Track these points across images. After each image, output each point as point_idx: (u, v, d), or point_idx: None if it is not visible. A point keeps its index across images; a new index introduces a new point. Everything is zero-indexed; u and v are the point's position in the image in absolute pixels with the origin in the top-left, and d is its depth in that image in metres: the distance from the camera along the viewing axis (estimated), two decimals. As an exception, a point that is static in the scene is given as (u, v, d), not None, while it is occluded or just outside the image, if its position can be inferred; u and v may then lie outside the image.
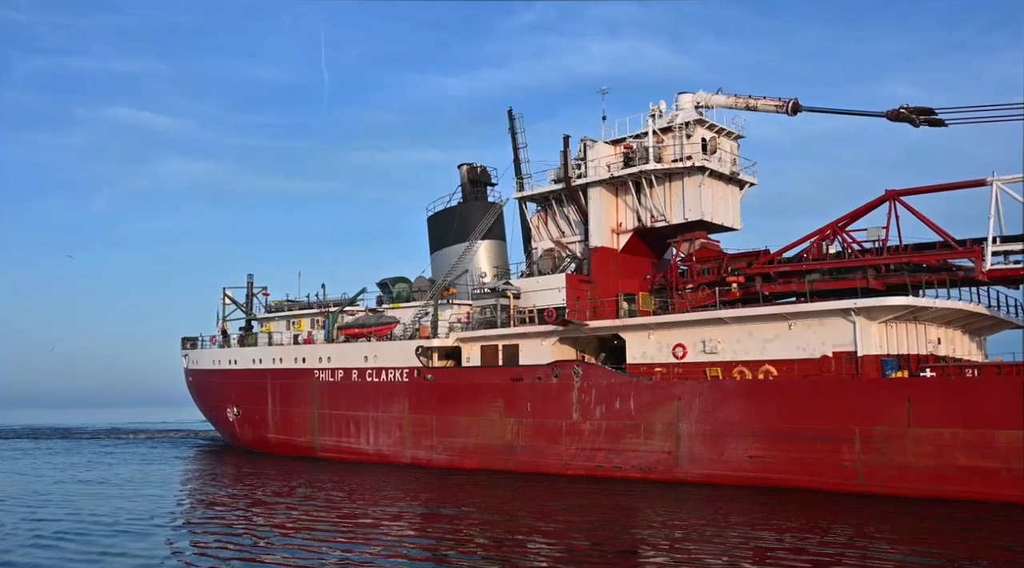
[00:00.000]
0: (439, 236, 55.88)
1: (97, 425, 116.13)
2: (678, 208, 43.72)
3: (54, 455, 58.62)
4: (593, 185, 45.90)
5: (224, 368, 59.95)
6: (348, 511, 30.43)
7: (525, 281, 46.45)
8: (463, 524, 27.74)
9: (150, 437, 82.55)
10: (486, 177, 56.69)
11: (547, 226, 49.49)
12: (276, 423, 55.10)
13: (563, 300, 44.10)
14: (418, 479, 40.71)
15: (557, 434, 39.70)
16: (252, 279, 66.15)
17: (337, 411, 50.49)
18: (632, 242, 45.97)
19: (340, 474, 43.23)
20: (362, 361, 49.31)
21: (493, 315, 45.52)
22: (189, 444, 70.29)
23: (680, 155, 43.56)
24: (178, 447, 66.57)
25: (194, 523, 28.64)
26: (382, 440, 47.76)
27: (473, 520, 28.57)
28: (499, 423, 42.10)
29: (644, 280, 46.88)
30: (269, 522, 28.33)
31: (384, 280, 55.56)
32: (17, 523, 28.41)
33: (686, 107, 45.08)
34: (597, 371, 38.88)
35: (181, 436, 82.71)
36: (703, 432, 34.96)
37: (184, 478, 42.86)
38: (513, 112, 54.43)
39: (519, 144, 53.89)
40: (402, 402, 46.78)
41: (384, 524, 27.85)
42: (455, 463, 43.75)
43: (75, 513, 30.36)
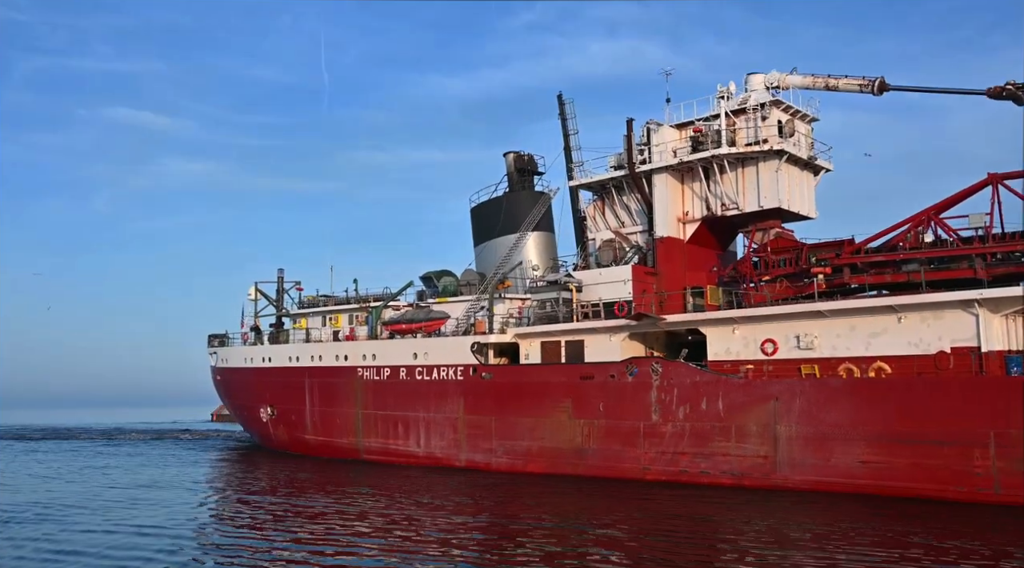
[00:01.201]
0: (484, 228, 52.54)
1: (101, 425, 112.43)
2: (752, 195, 40.43)
3: (80, 456, 55.19)
4: (658, 171, 42.60)
5: (257, 366, 56.51)
6: (414, 517, 27.26)
7: (587, 273, 43.10)
8: (536, 535, 25.19)
9: (156, 437, 79.08)
10: (533, 165, 53.33)
11: (604, 216, 46.13)
12: (315, 424, 51.68)
13: (629, 293, 40.83)
14: (478, 484, 37.47)
15: (634, 437, 36.37)
16: (283, 274, 62.71)
17: (383, 411, 47.09)
18: (699, 232, 42.71)
19: (392, 478, 39.91)
20: (411, 358, 45.92)
21: (554, 309, 42.15)
22: (213, 445, 66.82)
23: (755, 138, 40.27)
24: (203, 449, 63.10)
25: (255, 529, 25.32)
26: (434, 442, 44.38)
27: (545, 531, 25.95)
28: (567, 424, 38.76)
29: (711, 272, 43.71)
30: (343, 532, 25.17)
31: (428, 274, 52.17)
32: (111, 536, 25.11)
33: (757, 88, 41.78)
34: (679, 369, 35.56)
35: (199, 436, 79.25)
36: (806, 435, 31.66)
37: (236, 481, 39.44)
38: (563, 97, 51.10)
39: (570, 130, 50.54)
40: (456, 402, 43.40)
41: (455, 533, 25.29)
42: (517, 467, 40.40)
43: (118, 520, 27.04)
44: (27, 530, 27.05)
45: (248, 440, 69.79)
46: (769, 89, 41.65)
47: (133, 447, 65.08)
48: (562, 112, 50.96)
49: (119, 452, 59.96)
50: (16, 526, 27.80)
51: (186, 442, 70.28)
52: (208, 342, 64.57)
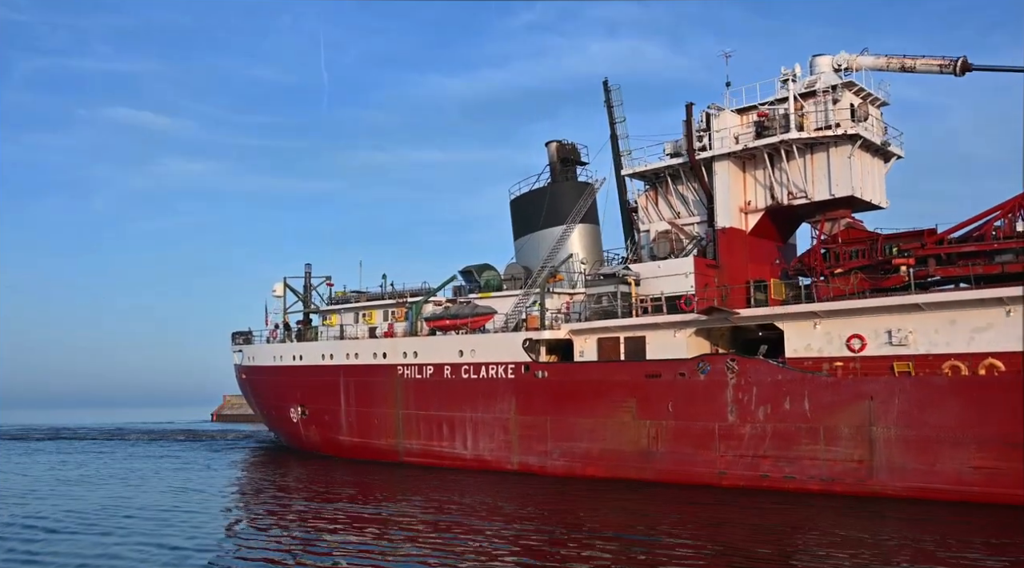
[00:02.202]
0: (525, 220, 49.65)
1: (102, 425, 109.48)
2: (822, 183, 37.67)
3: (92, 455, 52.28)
4: (719, 158, 39.83)
5: (287, 364, 53.62)
6: (471, 526, 24.63)
7: (644, 266, 40.33)
8: (600, 546, 23.03)
9: (157, 438, 76.14)
10: (576, 155, 50.46)
11: (657, 206, 43.36)
12: (350, 424, 48.82)
13: (691, 286, 38.11)
14: (533, 489, 34.80)
15: (708, 439, 33.58)
16: (310, 269, 59.91)
17: (426, 411, 44.24)
18: (761, 223, 39.99)
19: (437, 482, 37.19)
20: (456, 356, 43.06)
21: (611, 304, 39.32)
22: (234, 446, 63.89)
23: (825, 122, 37.49)
24: (228, 451, 60.17)
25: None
26: (483, 444, 41.55)
27: (610, 541, 23.67)
28: (631, 426, 35.96)
29: (774, 265, 40.97)
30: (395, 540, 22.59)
31: (468, 268, 49.31)
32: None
33: (824, 71, 39.00)
34: (759, 366, 32.77)
35: (208, 437, 76.25)
36: (906, 438, 28.88)
37: (273, 485, 36.53)
38: (609, 83, 48.21)
39: (616, 118, 47.67)
40: (507, 401, 40.58)
41: (512, 542, 23.08)
42: (575, 471, 37.60)
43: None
44: (74, 544, 24.25)
45: (271, 441, 66.93)
46: (837, 71, 38.91)
47: (163, 448, 62.14)
48: (608, 99, 48.10)
49: (147, 454, 57.04)
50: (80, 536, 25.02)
51: (205, 443, 67.32)
52: (232, 340, 61.72)
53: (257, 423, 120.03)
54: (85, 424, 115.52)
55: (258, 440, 69.73)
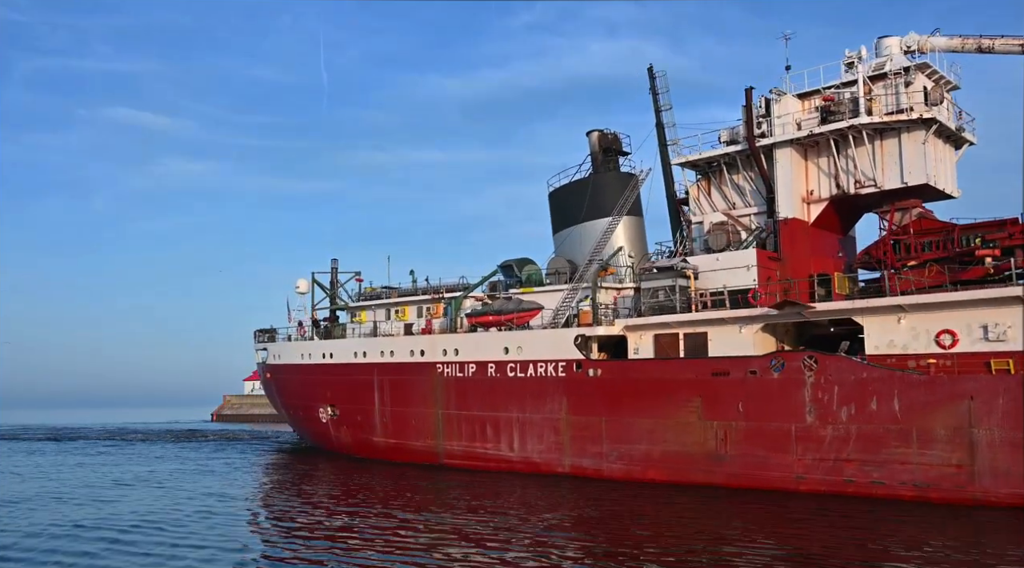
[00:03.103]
0: (566, 213, 47.09)
1: (102, 425, 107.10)
2: (893, 170, 35.23)
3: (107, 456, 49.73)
4: (781, 145, 37.37)
5: (316, 362, 51.07)
6: (534, 537, 21.97)
7: (702, 259, 37.85)
8: (668, 558, 20.85)
9: (150, 439, 73.60)
10: (618, 145, 47.92)
11: (710, 197, 40.86)
12: (385, 425, 46.28)
13: (754, 280, 35.68)
14: (589, 493, 32.41)
15: (783, 441, 31.10)
16: (337, 264, 57.38)
17: (469, 411, 41.71)
18: (825, 213, 37.59)
19: (483, 486, 34.80)
20: (501, 353, 40.54)
21: (668, 298, 36.83)
22: (253, 448, 61.35)
23: (897, 106, 35.03)
24: (248, 452, 57.62)
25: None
26: (531, 446, 39.03)
27: (681, 552, 21.55)
28: (696, 427, 33.47)
29: (837, 258, 38.58)
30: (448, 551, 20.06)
31: (508, 262, 46.81)
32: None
33: (892, 53, 36.52)
34: (840, 363, 30.27)
35: (217, 438, 73.67)
36: (1013, 440, 26.40)
37: (306, 490, 33.97)
38: (654, 70, 45.69)
39: (662, 106, 45.15)
40: (558, 401, 38.07)
41: (573, 551, 20.38)
42: (634, 474, 35.11)
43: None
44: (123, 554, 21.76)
45: (291, 441, 64.44)
46: (906, 53, 36.48)
47: (181, 450, 59.58)
48: (653, 87, 45.56)
49: (163, 455, 54.49)
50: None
51: (216, 445, 64.76)
52: (255, 338, 59.21)
53: (259, 423, 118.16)
54: (86, 424, 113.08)
55: (278, 441, 67.18)
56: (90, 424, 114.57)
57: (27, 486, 37.67)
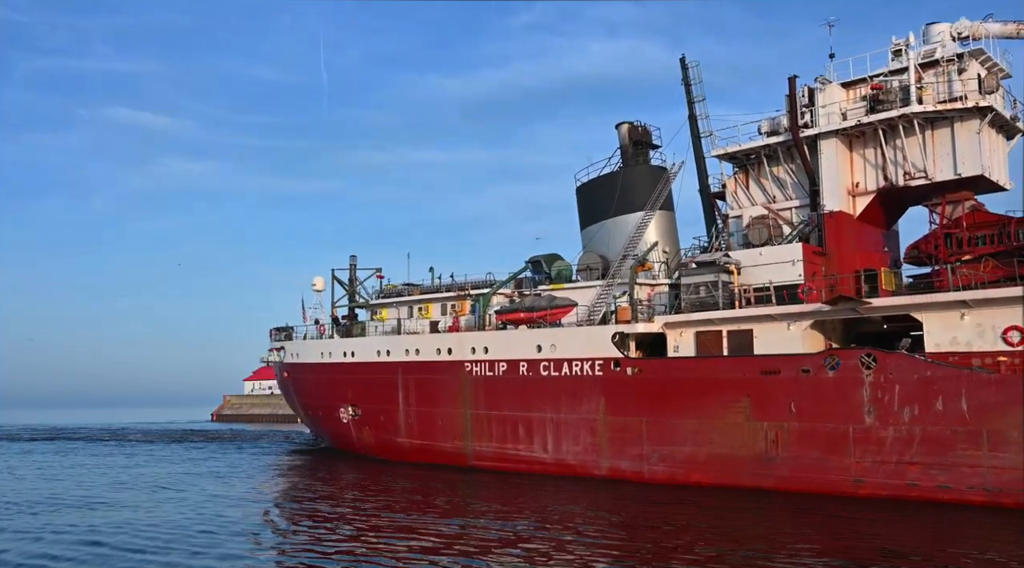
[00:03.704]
0: (595, 207, 45.39)
1: (103, 425, 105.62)
2: (946, 161, 33.61)
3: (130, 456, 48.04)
4: (826, 136, 35.76)
5: (337, 361, 49.36)
6: (574, 544, 20.30)
7: (744, 253, 36.19)
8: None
9: (160, 440, 71.93)
10: (648, 137, 46.25)
11: (748, 190, 39.22)
12: (410, 426, 44.58)
13: (799, 275, 34.03)
14: (630, 497, 30.89)
15: (840, 442, 29.43)
16: (355, 261, 55.68)
17: (499, 411, 40.03)
18: (871, 207, 35.95)
19: (516, 489, 33.20)
20: (534, 351, 38.85)
21: (710, 294, 35.17)
22: (266, 449, 59.64)
23: (949, 94, 33.40)
24: (257, 453, 55.92)
25: None
26: (566, 447, 37.35)
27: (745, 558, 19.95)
28: (744, 427, 31.80)
29: (882, 253, 36.94)
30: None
31: (536, 258, 45.14)
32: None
33: (941, 40, 34.90)
34: (902, 361, 28.59)
35: (228, 437, 72.04)
36: (1095, 442, 24.77)
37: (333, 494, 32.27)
38: (687, 60, 44.02)
39: (695, 97, 43.49)
40: (594, 401, 36.40)
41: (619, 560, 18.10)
42: (677, 477, 33.44)
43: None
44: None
45: (306, 442, 62.81)
46: (956, 40, 34.87)
47: (193, 451, 57.86)
48: (686, 77, 43.90)
49: (183, 458, 52.78)
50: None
51: (228, 446, 63.08)
52: (271, 336, 57.52)
53: (259, 423, 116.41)
54: (87, 424, 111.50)
55: (291, 442, 65.48)
56: (91, 424, 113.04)
57: (54, 487, 35.99)
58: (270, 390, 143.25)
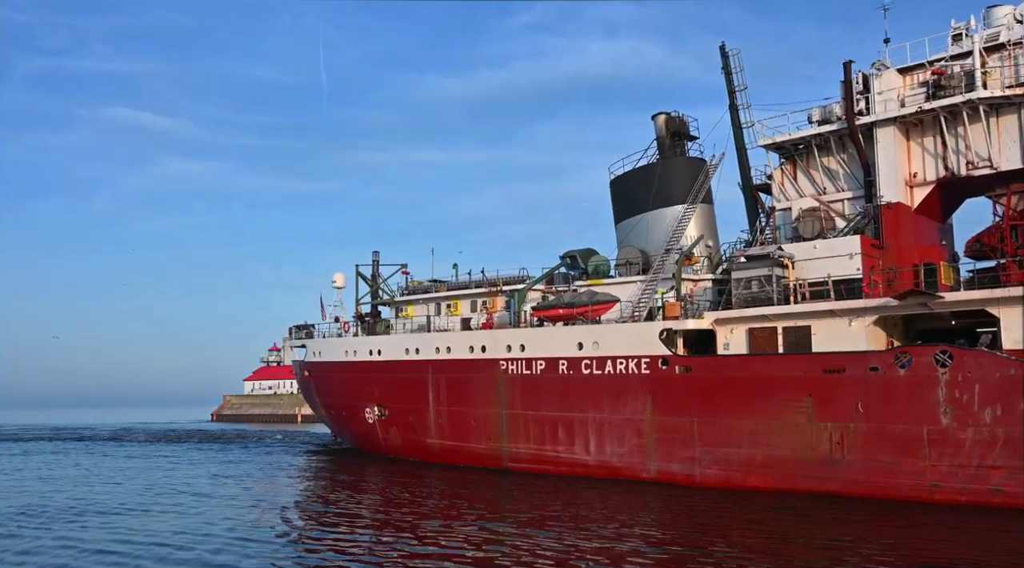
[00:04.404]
0: (630, 201, 43.43)
1: (106, 425, 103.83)
2: (1012, 150, 31.74)
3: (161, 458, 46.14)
4: (883, 124, 33.84)
5: (362, 360, 47.41)
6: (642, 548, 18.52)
7: (798, 247, 34.27)
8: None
9: (174, 440, 69.99)
10: (685, 128, 44.33)
11: (796, 181, 37.33)
12: (441, 426, 42.64)
13: (858, 269, 32.14)
14: (684, 501, 29.03)
15: (913, 445, 27.52)
16: (378, 257, 53.73)
17: (537, 411, 38.10)
18: (929, 198, 34.04)
19: (560, 493, 31.20)
20: (574, 349, 36.93)
21: (763, 289, 33.25)
22: (284, 449, 57.71)
23: (1016, 79, 31.55)
24: (273, 454, 53.99)
25: None
26: (609, 449, 35.43)
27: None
28: (807, 429, 29.89)
29: (941, 246, 35.06)
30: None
31: (571, 252, 43.25)
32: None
33: (1005, 23, 33.00)
34: (982, 359, 26.68)
35: (234, 438, 70.08)
36: None
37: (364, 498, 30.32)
38: (727, 48, 42.09)
39: (736, 86, 41.56)
40: (641, 400, 34.47)
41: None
42: (733, 481, 31.51)
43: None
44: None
45: (325, 442, 60.92)
46: (1021, 22, 32.98)
47: (209, 452, 55.92)
48: (726, 65, 41.94)
49: (187, 458, 50.86)
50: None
51: (250, 446, 61.18)
52: (291, 334, 55.61)
53: (260, 424, 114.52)
54: (88, 424, 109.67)
55: (306, 442, 63.56)
56: (92, 424, 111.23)
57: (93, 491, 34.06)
58: (270, 390, 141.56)
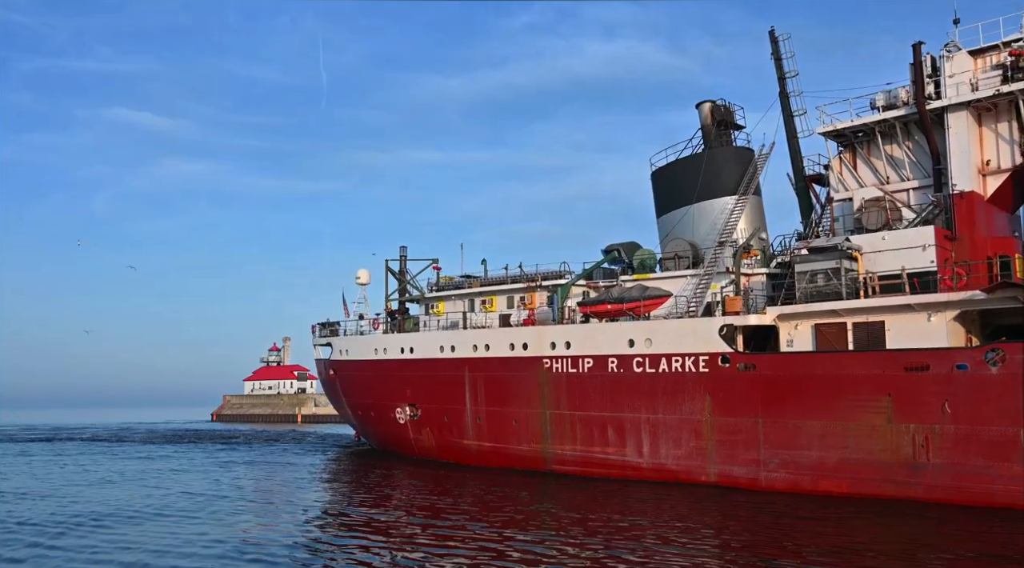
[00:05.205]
0: (674, 193, 41.29)
1: (107, 425, 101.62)
2: (1095, 136, 29.58)
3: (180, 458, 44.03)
4: (955, 108, 31.72)
5: (393, 358, 45.25)
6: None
7: (865, 238, 32.14)
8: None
9: (185, 441, 67.87)
10: (731, 117, 42.19)
11: (856, 170, 35.23)
12: (479, 427, 40.48)
13: (932, 261, 30.02)
14: (751, 507, 26.77)
15: (1009, 449, 25.39)
16: (406, 252, 51.56)
17: (584, 412, 35.96)
18: (1003, 187, 31.96)
19: (614, 498, 28.96)
20: (625, 346, 34.79)
21: (830, 282, 31.11)
22: (303, 449, 55.59)
23: (1103, 61, 29.43)
24: (291, 453, 51.87)
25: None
26: (664, 451, 33.29)
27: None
28: (885, 430, 27.75)
29: (1013, 238, 32.96)
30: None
31: (613, 246, 41.20)
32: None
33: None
34: (1087, 356, 24.54)
35: (242, 439, 67.97)
36: None
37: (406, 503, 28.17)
38: (776, 32, 39.97)
39: (787, 73, 39.45)
40: (699, 400, 32.34)
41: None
42: (802, 485, 29.38)
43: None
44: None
45: (346, 444, 58.79)
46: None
47: (234, 453, 53.79)
48: (775, 51, 39.83)
49: (218, 462, 48.72)
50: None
51: (266, 446, 59.03)
52: (315, 331, 53.42)
53: (260, 424, 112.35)
54: (89, 424, 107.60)
55: (324, 442, 61.42)
56: (93, 424, 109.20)
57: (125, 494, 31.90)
58: (270, 390, 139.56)
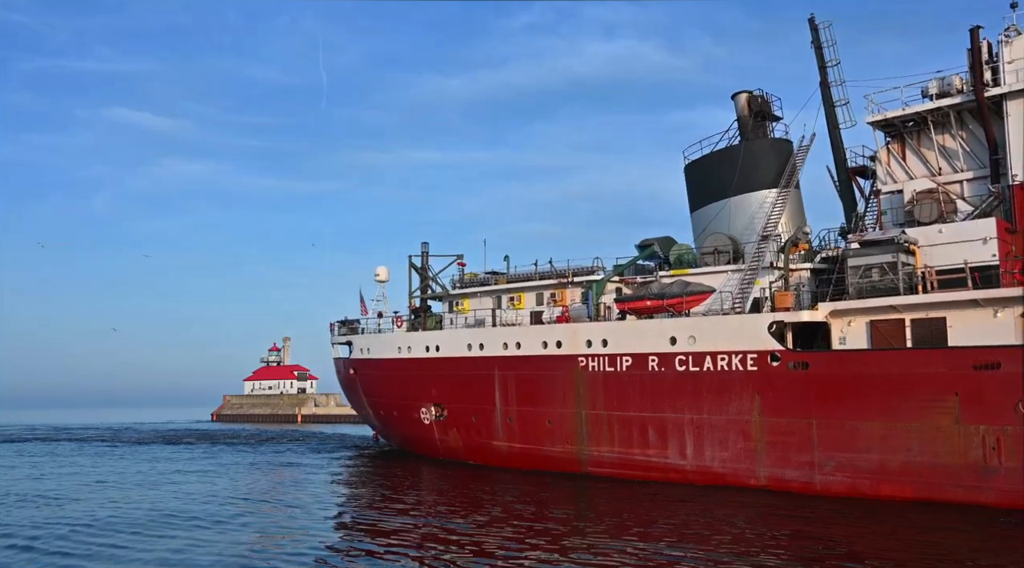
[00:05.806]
0: (710, 186, 39.73)
1: (108, 425, 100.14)
2: None
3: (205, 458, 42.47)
4: (1014, 96, 30.21)
5: (417, 357, 43.65)
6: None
7: (921, 231, 30.56)
8: None
9: (196, 442, 66.30)
10: (768, 108, 40.59)
11: (905, 161, 33.65)
12: (509, 428, 38.87)
13: (993, 255, 28.43)
14: (810, 515, 25.20)
15: (1090, 450, 23.79)
16: (427, 248, 49.96)
17: (622, 412, 34.37)
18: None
19: (656, 502, 27.43)
20: (666, 344, 33.20)
21: (886, 277, 29.52)
22: (320, 449, 54.02)
23: None
24: (306, 453, 50.32)
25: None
26: (710, 453, 31.70)
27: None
28: (952, 432, 26.17)
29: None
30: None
31: (647, 241, 39.64)
32: None
33: None
34: None
35: (274, 441, 66.43)
36: None
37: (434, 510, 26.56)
38: (816, 20, 38.36)
39: (828, 62, 37.86)
40: (747, 399, 30.76)
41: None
42: (861, 489, 27.80)
43: None
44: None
45: (363, 445, 57.24)
46: None
47: (270, 454, 52.22)
48: (816, 39, 38.22)
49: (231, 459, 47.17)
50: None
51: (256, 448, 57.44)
52: (334, 330, 51.85)
53: (260, 424, 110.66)
54: (90, 424, 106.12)
55: (343, 443, 59.84)
56: (95, 424, 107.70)
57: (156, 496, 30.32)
58: (270, 390, 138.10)
